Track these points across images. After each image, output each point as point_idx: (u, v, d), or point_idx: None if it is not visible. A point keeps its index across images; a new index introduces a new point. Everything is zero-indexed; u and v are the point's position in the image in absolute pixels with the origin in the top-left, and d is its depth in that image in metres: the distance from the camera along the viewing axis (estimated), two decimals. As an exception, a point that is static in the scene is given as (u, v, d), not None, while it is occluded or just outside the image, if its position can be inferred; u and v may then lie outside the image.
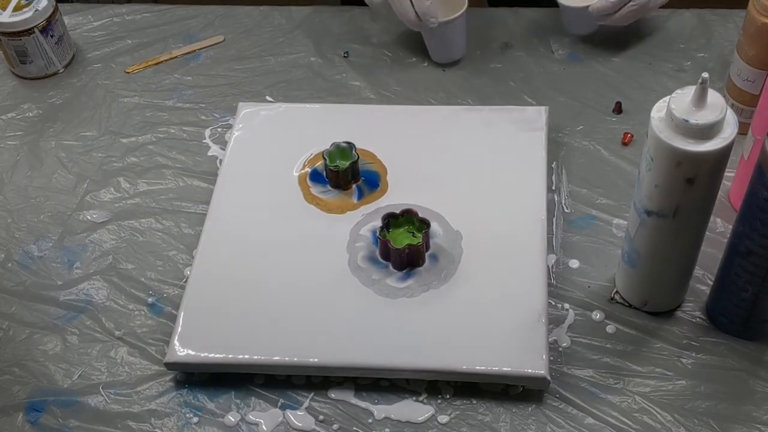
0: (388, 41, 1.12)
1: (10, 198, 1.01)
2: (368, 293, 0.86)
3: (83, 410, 0.84)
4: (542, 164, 0.94)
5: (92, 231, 0.97)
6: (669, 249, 0.80)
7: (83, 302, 0.91)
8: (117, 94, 1.11)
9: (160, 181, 1.01)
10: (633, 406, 0.80)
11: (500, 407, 0.81)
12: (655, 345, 0.84)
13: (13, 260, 0.95)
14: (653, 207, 0.76)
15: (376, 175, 0.95)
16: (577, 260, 0.90)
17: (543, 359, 0.80)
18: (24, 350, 0.88)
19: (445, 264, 0.87)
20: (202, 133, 1.05)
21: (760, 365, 0.82)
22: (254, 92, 1.09)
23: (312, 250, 0.90)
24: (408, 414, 0.81)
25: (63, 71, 1.14)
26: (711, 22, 1.11)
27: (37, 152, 1.05)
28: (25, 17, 1.08)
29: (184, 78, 1.12)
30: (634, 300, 0.86)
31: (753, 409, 0.80)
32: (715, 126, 0.70)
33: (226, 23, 1.18)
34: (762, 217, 0.73)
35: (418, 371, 0.81)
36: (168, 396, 0.84)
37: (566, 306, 0.87)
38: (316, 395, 0.83)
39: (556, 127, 1.01)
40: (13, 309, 0.91)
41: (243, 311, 0.85)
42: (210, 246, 0.91)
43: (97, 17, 1.20)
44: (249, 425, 0.81)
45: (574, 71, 1.07)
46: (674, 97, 0.71)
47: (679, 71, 1.06)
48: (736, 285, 0.80)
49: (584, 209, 0.94)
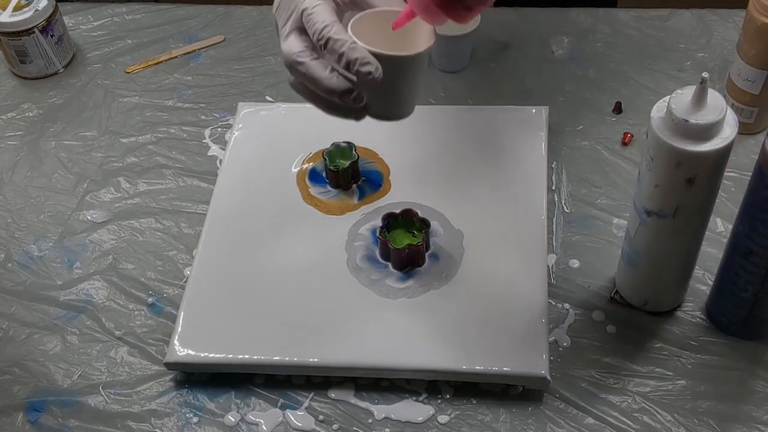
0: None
1: (10, 198, 1.01)
2: (368, 293, 0.86)
3: (83, 410, 0.84)
4: (542, 164, 0.94)
5: (92, 231, 0.97)
6: (669, 249, 0.80)
7: (83, 302, 0.91)
8: (117, 94, 1.11)
9: (160, 181, 1.01)
10: (633, 406, 0.80)
11: (500, 407, 0.81)
12: (655, 345, 0.84)
13: (13, 260, 0.95)
14: (653, 207, 0.76)
15: (378, 175, 0.95)
16: (577, 260, 0.90)
17: (543, 359, 0.80)
18: (24, 350, 0.88)
19: (445, 264, 0.87)
20: (202, 133, 1.05)
21: (760, 365, 0.82)
22: (254, 92, 1.09)
23: (311, 250, 0.90)
24: (408, 414, 0.81)
25: (63, 71, 1.14)
26: (711, 22, 1.11)
27: (37, 152, 1.05)
28: (25, 17, 1.07)
29: (184, 78, 1.12)
30: (634, 300, 0.86)
31: (753, 409, 0.80)
32: (715, 126, 0.70)
33: (226, 23, 1.18)
34: (762, 217, 0.73)
35: (418, 371, 0.81)
36: (168, 396, 0.84)
37: (566, 306, 0.87)
38: (316, 395, 0.83)
39: (556, 127, 1.01)
40: (13, 309, 0.91)
41: (243, 311, 0.86)
42: (210, 246, 0.91)
43: (97, 17, 1.20)
44: (249, 425, 0.81)
45: (574, 71, 1.07)
46: (674, 97, 0.71)
47: (679, 71, 1.06)
48: (736, 285, 0.80)
49: (584, 209, 0.94)
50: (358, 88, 0.68)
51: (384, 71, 0.68)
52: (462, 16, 0.69)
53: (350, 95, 0.68)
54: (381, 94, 0.71)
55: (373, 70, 0.67)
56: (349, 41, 0.67)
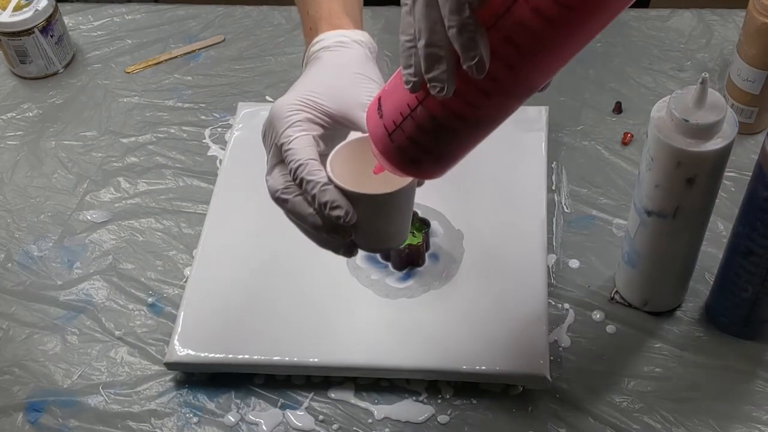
0: (389, 40, 1.12)
1: (10, 198, 1.01)
2: (368, 293, 0.86)
3: (83, 410, 0.84)
4: (542, 164, 0.94)
5: (92, 231, 0.97)
6: (669, 249, 0.80)
7: (83, 302, 0.91)
8: (117, 94, 1.11)
9: (160, 181, 1.01)
10: (633, 406, 0.80)
11: (500, 407, 0.81)
12: (655, 345, 0.84)
13: (13, 260, 0.95)
14: (653, 207, 0.76)
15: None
16: (577, 260, 0.90)
17: (543, 359, 0.80)
18: (24, 350, 0.88)
19: (446, 264, 0.87)
20: (202, 133, 1.05)
21: (760, 365, 0.82)
22: (254, 92, 1.09)
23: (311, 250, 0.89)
24: (408, 414, 0.81)
25: (63, 71, 1.14)
26: (711, 22, 1.11)
27: (37, 152, 1.05)
28: (25, 17, 1.07)
29: (184, 78, 1.12)
30: (634, 300, 0.86)
31: (753, 409, 0.80)
32: (715, 126, 0.70)
33: (226, 23, 1.18)
34: (762, 217, 0.73)
35: (418, 371, 0.81)
36: (168, 396, 0.84)
37: (566, 306, 0.87)
38: (316, 395, 0.83)
39: (556, 127, 1.01)
40: (13, 309, 0.91)
41: (243, 311, 0.85)
42: (210, 246, 0.91)
43: (97, 17, 1.20)
44: (249, 425, 0.81)
45: (574, 71, 1.07)
46: (674, 97, 0.71)
47: (679, 71, 1.06)
48: (736, 285, 0.80)
49: (584, 209, 0.94)
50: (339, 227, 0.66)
51: (363, 209, 0.65)
52: (425, 174, 0.63)
53: (336, 232, 0.66)
54: (364, 231, 0.67)
55: (343, 214, 0.64)
56: (320, 183, 0.65)
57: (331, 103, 0.69)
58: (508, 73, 0.54)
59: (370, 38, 0.76)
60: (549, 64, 0.54)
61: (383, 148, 0.61)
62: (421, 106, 0.58)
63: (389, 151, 0.61)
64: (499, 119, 0.59)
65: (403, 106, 0.59)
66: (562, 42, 0.53)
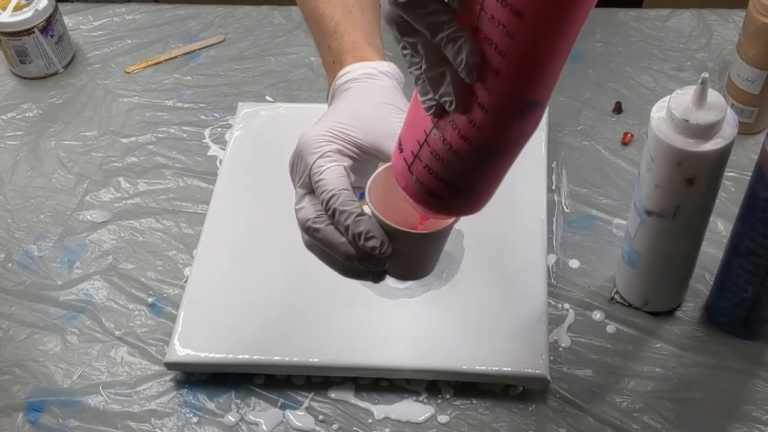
0: (389, 40, 1.12)
1: (10, 198, 1.01)
2: (368, 293, 0.86)
3: (83, 410, 0.84)
4: (542, 164, 0.94)
5: (92, 231, 0.97)
6: (669, 249, 0.80)
7: (83, 302, 0.91)
8: (117, 94, 1.11)
9: (160, 181, 1.01)
10: (633, 406, 0.80)
11: (500, 407, 0.81)
12: (655, 345, 0.84)
13: (13, 260, 0.95)
14: (653, 207, 0.76)
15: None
16: (577, 260, 0.90)
17: (543, 359, 0.80)
18: (24, 350, 0.88)
19: (445, 264, 0.87)
20: (202, 133, 1.05)
21: (760, 365, 0.82)
22: (254, 92, 1.09)
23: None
24: (408, 414, 0.81)
25: (63, 71, 1.14)
26: (711, 22, 1.11)
27: (37, 152, 1.05)
28: (25, 17, 1.07)
29: (183, 78, 1.12)
30: (634, 300, 0.86)
31: (753, 409, 0.80)
32: (715, 126, 0.70)
33: (226, 23, 1.18)
34: (762, 217, 0.73)
35: (418, 371, 0.81)
36: (168, 396, 0.84)
37: (566, 306, 0.87)
38: (316, 395, 0.83)
39: (556, 127, 1.01)
40: (13, 309, 0.91)
41: (243, 311, 0.85)
42: (210, 246, 0.91)
43: (97, 17, 1.20)
44: (249, 425, 0.81)
45: (574, 71, 1.07)
46: (674, 97, 0.71)
47: (679, 71, 1.06)
48: (736, 285, 0.80)
49: (584, 209, 0.94)
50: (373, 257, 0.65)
51: (400, 243, 0.64)
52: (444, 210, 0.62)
53: (370, 261, 0.66)
54: (397, 262, 0.67)
55: (378, 245, 0.64)
56: (354, 213, 0.64)
57: (361, 134, 0.69)
58: (494, 79, 0.53)
59: (396, 69, 0.75)
60: (534, 67, 0.53)
61: (404, 182, 0.61)
62: (435, 129, 0.57)
63: (410, 185, 0.60)
64: (504, 145, 0.57)
65: (419, 132, 0.59)
66: (538, 39, 0.52)
